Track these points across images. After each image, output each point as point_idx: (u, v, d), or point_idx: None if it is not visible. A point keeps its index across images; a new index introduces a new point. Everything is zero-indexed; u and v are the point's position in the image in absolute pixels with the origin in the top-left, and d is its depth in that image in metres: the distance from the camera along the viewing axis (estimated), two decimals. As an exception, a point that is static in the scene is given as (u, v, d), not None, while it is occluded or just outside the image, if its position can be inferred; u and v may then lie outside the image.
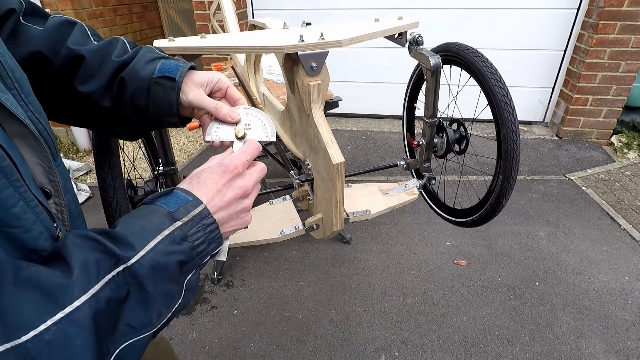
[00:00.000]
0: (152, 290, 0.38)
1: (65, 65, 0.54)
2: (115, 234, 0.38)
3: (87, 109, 0.58)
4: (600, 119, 3.04)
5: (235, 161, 0.49)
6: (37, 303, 0.31)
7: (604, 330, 1.62)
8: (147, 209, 0.42)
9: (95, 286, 0.34)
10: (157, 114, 0.57)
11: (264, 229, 1.14)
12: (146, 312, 0.38)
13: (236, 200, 0.48)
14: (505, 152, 0.97)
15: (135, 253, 0.37)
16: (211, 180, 0.47)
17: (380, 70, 3.35)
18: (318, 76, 0.87)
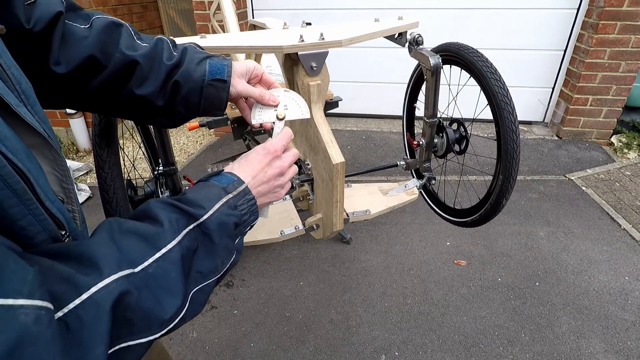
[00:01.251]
0: (218, 242, 0.48)
1: (120, 70, 0.58)
2: (186, 199, 0.48)
3: (139, 107, 0.63)
4: (600, 119, 3.04)
5: (275, 145, 0.60)
6: (140, 246, 0.40)
7: (604, 330, 1.62)
8: (205, 184, 0.52)
9: (178, 236, 0.43)
10: (207, 109, 0.65)
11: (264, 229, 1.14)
12: (212, 261, 0.47)
13: (274, 177, 0.59)
14: (505, 152, 0.97)
15: (205, 212, 0.47)
16: (256, 160, 0.58)
17: (381, 70, 3.35)
18: (318, 76, 0.87)
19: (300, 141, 1.09)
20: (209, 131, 3.52)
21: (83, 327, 0.32)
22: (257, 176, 0.57)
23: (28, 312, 0.29)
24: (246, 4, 3.27)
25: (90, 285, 0.34)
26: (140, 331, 0.38)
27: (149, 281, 0.39)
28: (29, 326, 0.28)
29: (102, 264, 0.36)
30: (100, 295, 0.34)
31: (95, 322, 0.33)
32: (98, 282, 0.34)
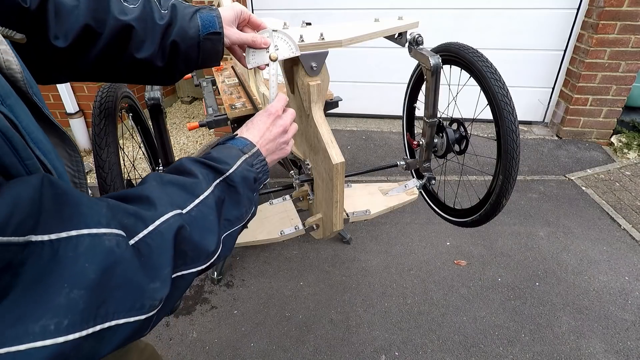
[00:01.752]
0: (242, 192, 0.55)
1: (116, 36, 0.60)
2: (212, 157, 0.55)
3: (139, 70, 0.65)
4: (600, 119, 3.04)
5: (275, 106, 0.68)
6: (182, 193, 0.47)
7: (604, 330, 1.62)
8: (224, 146, 0.60)
9: (211, 186, 0.50)
10: (205, 62, 0.68)
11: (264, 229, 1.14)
12: (238, 209, 0.54)
13: (279, 135, 0.67)
14: (505, 152, 0.97)
15: (230, 167, 0.55)
16: (261, 122, 0.66)
17: (380, 70, 3.35)
18: (318, 76, 0.87)
19: (300, 141, 1.09)
20: (209, 131, 3.52)
21: (152, 252, 0.39)
22: (264, 136, 0.64)
23: (110, 238, 0.35)
24: (246, 4, 3.27)
25: (154, 218, 0.41)
26: (192, 262, 0.45)
27: (194, 221, 0.45)
28: (114, 249, 0.35)
29: (158, 204, 0.43)
30: (164, 227, 0.41)
31: (161, 248, 0.40)
32: (160, 217, 0.41)
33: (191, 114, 4.04)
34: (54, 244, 0.31)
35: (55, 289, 0.30)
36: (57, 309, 0.30)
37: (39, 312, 0.29)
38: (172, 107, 4.19)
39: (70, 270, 0.31)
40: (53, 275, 0.31)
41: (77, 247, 0.33)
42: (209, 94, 1.84)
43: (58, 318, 0.30)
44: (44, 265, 0.30)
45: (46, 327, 0.29)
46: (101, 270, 0.33)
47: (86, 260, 0.33)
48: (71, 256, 0.32)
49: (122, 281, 0.35)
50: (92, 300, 0.32)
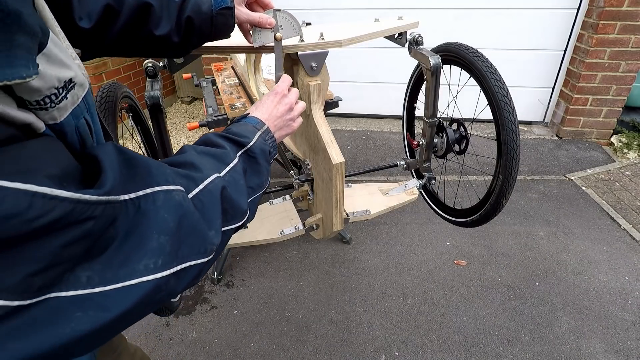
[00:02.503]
0: (262, 163, 0.61)
1: (135, 14, 0.63)
2: (234, 132, 0.60)
3: (156, 46, 0.69)
4: (600, 119, 3.04)
5: (281, 86, 0.74)
6: (215, 162, 0.52)
7: (604, 330, 1.62)
8: (240, 123, 0.65)
9: (236, 156, 0.56)
10: (217, 36, 0.73)
11: (264, 229, 1.14)
12: (259, 178, 0.60)
13: (286, 112, 0.72)
14: (505, 152, 0.97)
15: (250, 140, 0.60)
16: (269, 100, 0.71)
17: (380, 70, 3.35)
18: (318, 76, 0.87)
19: (300, 141, 1.09)
20: (209, 131, 3.52)
21: (204, 207, 0.45)
22: (272, 113, 0.70)
23: (178, 193, 0.42)
24: (246, 4, 3.26)
25: (202, 179, 0.47)
26: (232, 219, 0.51)
27: (230, 183, 0.51)
28: (182, 203, 0.42)
29: (203, 168, 0.49)
30: (212, 186, 0.48)
31: (211, 204, 0.47)
32: (207, 178, 0.48)
33: (191, 114, 4.04)
34: (134, 201, 0.37)
35: (148, 235, 0.37)
36: (153, 252, 0.37)
37: (139, 255, 0.36)
38: (172, 107, 4.19)
39: (155, 220, 0.38)
40: (143, 225, 0.37)
41: (155, 201, 0.39)
42: (209, 94, 1.84)
43: (155, 258, 0.37)
44: (133, 219, 0.37)
45: (147, 266, 0.36)
46: (177, 219, 0.40)
47: (165, 211, 0.39)
48: (152, 209, 0.38)
49: (191, 229, 0.42)
50: (174, 245, 0.39)
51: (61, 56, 0.38)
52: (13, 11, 0.29)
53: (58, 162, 0.33)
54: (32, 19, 0.32)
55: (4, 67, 0.29)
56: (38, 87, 0.33)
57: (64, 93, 0.37)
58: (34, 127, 0.34)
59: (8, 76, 0.29)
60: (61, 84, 0.37)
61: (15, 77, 0.30)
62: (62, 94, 0.37)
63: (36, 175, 0.29)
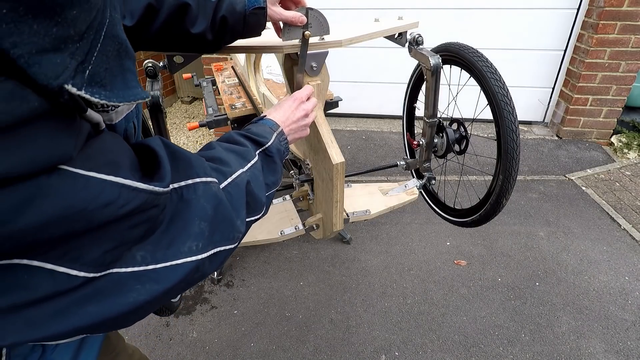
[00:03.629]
0: (277, 162, 0.65)
1: (173, 13, 0.66)
2: (253, 132, 0.64)
3: (190, 43, 0.72)
4: (600, 119, 3.04)
5: (301, 93, 0.78)
6: (237, 159, 0.55)
7: (604, 330, 1.62)
8: (258, 124, 0.69)
9: (256, 155, 0.60)
10: (248, 34, 0.75)
11: (264, 229, 1.14)
12: (274, 175, 0.64)
13: (302, 118, 0.76)
14: (505, 151, 0.97)
15: (268, 141, 0.64)
16: (288, 104, 0.76)
17: (380, 70, 3.35)
18: (318, 76, 0.87)
19: (300, 141, 1.09)
20: (209, 131, 3.52)
21: (232, 199, 0.49)
22: (288, 117, 0.73)
23: (215, 185, 0.46)
24: (246, 4, 3.26)
25: (231, 173, 0.51)
26: (252, 211, 0.55)
27: (252, 178, 0.55)
28: (218, 193, 0.46)
29: (231, 163, 0.53)
30: (239, 180, 0.52)
31: (238, 196, 0.51)
32: (235, 172, 0.52)
33: (191, 114, 4.04)
34: (177, 190, 0.42)
35: (190, 221, 0.42)
36: (195, 235, 0.42)
37: (183, 238, 0.41)
38: (172, 107, 4.19)
39: (196, 208, 0.42)
40: (186, 212, 0.42)
41: (196, 191, 0.43)
42: (209, 94, 1.84)
43: (197, 241, 0.42)
44: (176, 206, 0.41)
45: (190, 248, 0.41)
46: (213, 208, 0.44)
47: (205, 200, 0.43)
48: (194, 198, 0.43)
49: (223, 218, 0.46)
50: (211, 230, 0.44)
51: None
52: (123, 41, 0.35)
53: (128, 155, 0.38)
54: (130, 45, 0.37)
55: (123, 88, 0.35)
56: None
57: None
58: (99, 126, 0.38)
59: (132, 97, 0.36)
60: None
61: (137, 97, 0.37)
62: None
63: (121, 167, 0.35)
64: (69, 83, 0.29)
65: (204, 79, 2.01)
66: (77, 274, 0.33)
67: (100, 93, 0.32)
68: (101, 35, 0.32)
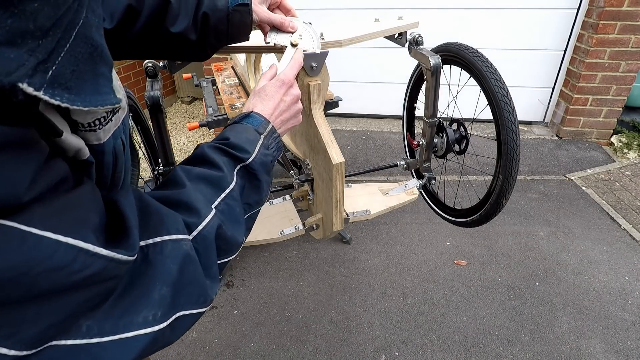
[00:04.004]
0: (262, 179, 0.56)
1: (154, 12, 0.63)
2: (232, 144, 0.54)
3: (174, 45, 0.68)
4: (600, 119, 3.04)
5: (288, 75, 0.66)
6: (209, 191, 0.48)
7: (604, 330, 1.62)
8: (240, 126, 0.59)
9: (234, 176, 0.52)
10: (234, 35, 0.70)
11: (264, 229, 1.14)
12: (258, 194, 0.56)
13: (293, 104, 0.66)
14: (505, 152, 0.97)
15: (250, 155, 0.55)
16: (274, 91, 0.64)
17: (380, 70, 3.35)
18: (318, 76, 0.86)
19: (300, 141, 1.09)
20: (209, 131, 3.52)
21: (201, 255, 0.43)
22: (278, 107, 0.64)
23: (187, 243, 0.41)
24: (246, 4, 3.26)
25: (197, 224, 0.44)
26: (225, 253, 0.49)
27: (224, 216, 0.48)
28: (189, 252, 0.41)
29: (198, 207, 0.46)
30: (207, 230, 0.45)
31: (207, 250, 0.44)
32: (203, 221, 0.45)
33: (191, 114, 4.04)
34: (143, 249, 0.38)
35: (151, 287, 0.37)
36: (153, 303, 0.36)
37: (140, 306, 0.36)
38: (172, 107, 4.19)
39: (160, 271, 0.38)
40: (148, 275, 0.37)
41: (163, 250, 0.39)
42: (209, 94, 1.84)
43: (154, 311, 0.36)
44: (139, 267, 0.37)
45: (146, 318, 0.36)
46: (180, 269, 0.39)
47: (171, 261, 0.39)
48: (159, 259, 0.38)
49: (191, 279, 0.41)
50: (174, 295, 0.39)
51: (116, 81, 0.39)
52: (99, 45, 0.32)
53: (98, 214, 0.34)
54: (107, 50, 0.35)
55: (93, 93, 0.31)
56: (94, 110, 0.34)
57: (110, 116, 0.39)
58: (81, 153, 0.35)
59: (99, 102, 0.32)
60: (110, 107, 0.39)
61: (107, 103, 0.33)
62: (109, 117, 0.39)
63: (84, 228, 0.30)
64: (24, 82, 0.26)
65: (204, 79, 2.01)
66: (7, 353, 0.27)
67: (62, 96, 0.29)
68: (71, 36, 0.29)
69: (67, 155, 0.34)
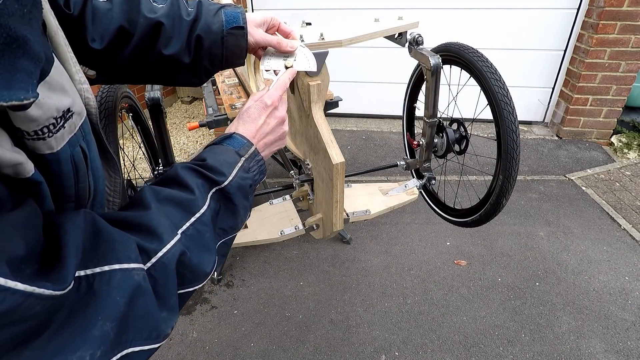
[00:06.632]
0: (238, 203, 0.53)
1: (146, 34, 0.61)
2: (207, 166, 0.52)
3: (167, 68, 0.66)
4: (600, 119, 3.04)
5: (272, 97, 0.64)
6: (179, 212, 0.46)
7: (604, 330, 1.62)
8: (220, 147, 0.57)
9: (207, 200, 0.49)
10: (229, 59, 0.68)
11: (264, 229, 1.14)
12: (234, 219, 0.53)
13: (278, 126, 0.64)
14: (505, 152, 0.97)
15: (226, 178, 0.52)
16: (257, 114, 0.62)
17: (380, 70, 3.35)
18: (318, 76, 0.86)
19: (300, 141, 1.09)
20: (209, 131, 3.52)
21: (157, 285, 0.40)
22: (260, 129, 0.62)
23: (138, 272, 0.37)
24: (246, 4, 3.27)
25: (157, 250, 0.41)
26: (189, 282, 0.45)
27: (191, 242, 0.45)
28: (141, 283, 0.37)
29: (161, 232, 0.42)
30: (167, 257, 0.41)
31: (165, 279, 0.41)
32: (163, 248, 0.41)
33: (191, 114, 4.04)
34: (89, 278, 0.34)
35: (91, 321, 0.33)
36: (92, 341, 0.32)
37: (76, 344, 0.31)
38: (172, 107, 4.19)
39: (104, 303, 0.34)
40: (89, 308, 0.33)
41: (110, 281, 0.35)
42: (209, 94, 1.84)
43: (92, 349, 0.32)
44: (81, 298, 0.33)
45: (82, 357, 0.31)
46: (129, 302, 0.36)
47: (118, 293, 0.35)
48: (105, 290, 0.34)
49: (141, 312, 0.37)
50: (119, 330, 0.34)
51: (64, 83, 0.37)
52: (21, 36, 0.29)
53: (27, 241, 0.30)
54: (38, 45, 0.31)
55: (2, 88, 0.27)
56: (37, 117, 0.33)
57: (61, 122, 0.36)
58: (20, 171, 0.32)
59: (5, 97, 0.27)
60: (59, 113, 0.36)
61: (13, 98, 0.28)
62: (60, 124, 0.36)
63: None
64: None
65: (204, 79, 2.01)
66: None
67: None
68: None
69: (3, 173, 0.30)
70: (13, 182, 0.32)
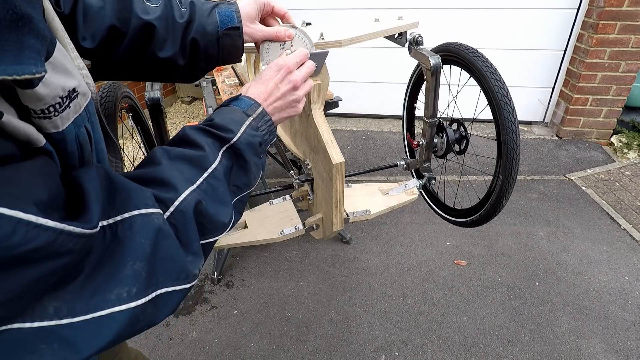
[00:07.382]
0: (249, 159, 0.54)
1: (139, 35, 0.60)
2: (215, 125, 0.53)
3: (162, 69, 0.66)
4: (600, 119, 3.04)
5: (287, 61, 0.63)
6: (189, 170, 0.47)
7: (604, 330, 1.62)
8: (227, 108, 0.57)
9: (218, 156, 0.50)
10: (225, 58, 0.68)
11: (264, 229, 1.14)
12: (246, 176, 0.55)
13: (289, 92, 0.62)
14: (505, 152, 0.97)
15: (235, 135, 0.53)
16: (270, 76, 0.61)
17: (380, 70, 3.35)
18: (318, 76, 0.86)
19: (300, 141, 1.09)
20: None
21: (178, 231, 0.42)
22: (272, 93, 0.61)
23: (159, 217, 0.40)
24: (246, 4, 3.27)
25: (174, 199, 0.43)
26: (210, 232, 0.48)
27: (205, 195, 0.47)
28: (162, 226, 0.40)
29: (175, 182, 0.44)
30: (184, 205, 0.43)
31: (185, 225, 0.43)
32: (179, 196, 0.44)
33: (191, 114, 4.04)
34: (112, 227, 0.37)
35: (122, 263, 0.36)
36: (126, 280, 0.35)
37: (112, 283, 0.34)
38: (172, 107, 4.19)
39: (131, 246, 0.37)
40: (117, 253, 0.36)
41: (132, 226, 0.37)
42: (209, 94, 1.85)
43: (128, 287, 0.35)
44: (107, 247, 0.36)
45: (120, 295, 0.35)
46: (153, 244, 0.38)
47: (142, 236, 0.38)
48: (129, 235, 0.37)
49: (166, 255, 0.40)
50: (150, 270, 0.37)
51: (67, 65, 0.38)
52: (25, 14, 0.30)
53: (48, 188, 0.32)
54: (42, 24, 0.32)
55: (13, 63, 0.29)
56: (44, 95, 0.33)
57: (67, 102, 0.37)
58: (32, 140, 0.33)
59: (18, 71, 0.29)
60: (65, 92, 0.37)
61: (26, 72, 0.29)
62: (66, 103, 0.37)
63: (24, 201, 0.28)
64: None
65: (203, 79, 2.01)
66: None
67: None
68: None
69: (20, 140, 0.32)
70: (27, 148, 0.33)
